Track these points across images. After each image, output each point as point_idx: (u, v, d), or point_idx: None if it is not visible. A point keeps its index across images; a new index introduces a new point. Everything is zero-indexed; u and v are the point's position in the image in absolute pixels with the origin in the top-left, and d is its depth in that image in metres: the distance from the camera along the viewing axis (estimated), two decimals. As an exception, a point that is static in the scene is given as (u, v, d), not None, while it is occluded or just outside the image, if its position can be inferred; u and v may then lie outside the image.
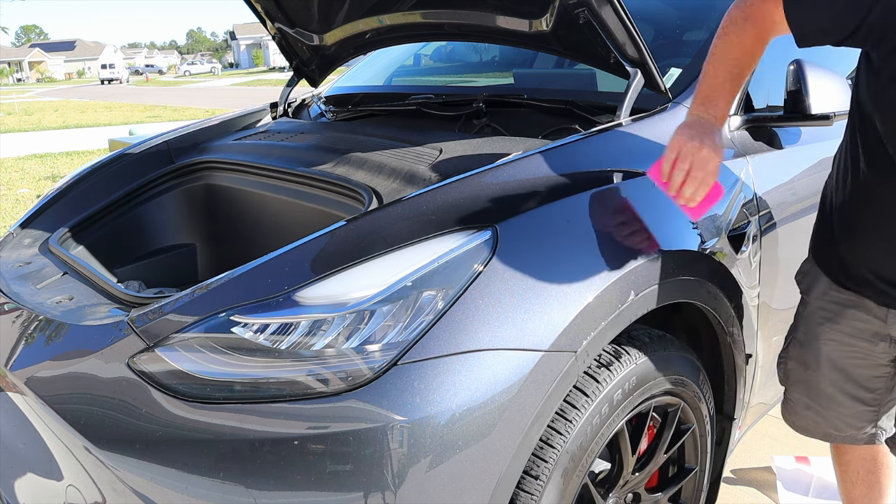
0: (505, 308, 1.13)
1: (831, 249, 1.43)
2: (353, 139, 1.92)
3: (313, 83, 2.59)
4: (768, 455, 2.31)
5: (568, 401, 1.23)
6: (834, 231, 1.41)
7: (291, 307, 1.15)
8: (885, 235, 1.30)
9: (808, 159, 1.87)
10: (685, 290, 1.40)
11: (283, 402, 1.08)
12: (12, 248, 1.88)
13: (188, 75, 65.26)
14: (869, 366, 1.45)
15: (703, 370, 1.55)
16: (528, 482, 1.19)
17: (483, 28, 1.91)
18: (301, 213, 1.87)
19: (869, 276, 1.35)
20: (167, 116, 16.44)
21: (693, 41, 2.00)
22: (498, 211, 1.26)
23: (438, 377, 1.07)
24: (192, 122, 2.46)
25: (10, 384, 1.41)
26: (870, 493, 1.66)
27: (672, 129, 1.39)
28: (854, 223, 1.35)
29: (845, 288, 1.42)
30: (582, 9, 1.58)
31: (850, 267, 1.38)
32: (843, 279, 1.42)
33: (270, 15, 2.28)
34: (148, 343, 1.21)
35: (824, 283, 1.46)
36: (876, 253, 1.33)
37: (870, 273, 1.34)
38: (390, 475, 1.04)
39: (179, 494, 1.09)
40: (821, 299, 1.48)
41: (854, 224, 1.35)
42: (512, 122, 1.90)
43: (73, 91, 38.38)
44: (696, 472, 1.64)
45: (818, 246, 1.50)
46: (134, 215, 2.13)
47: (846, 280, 1.41)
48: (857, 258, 1.37)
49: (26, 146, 11.10)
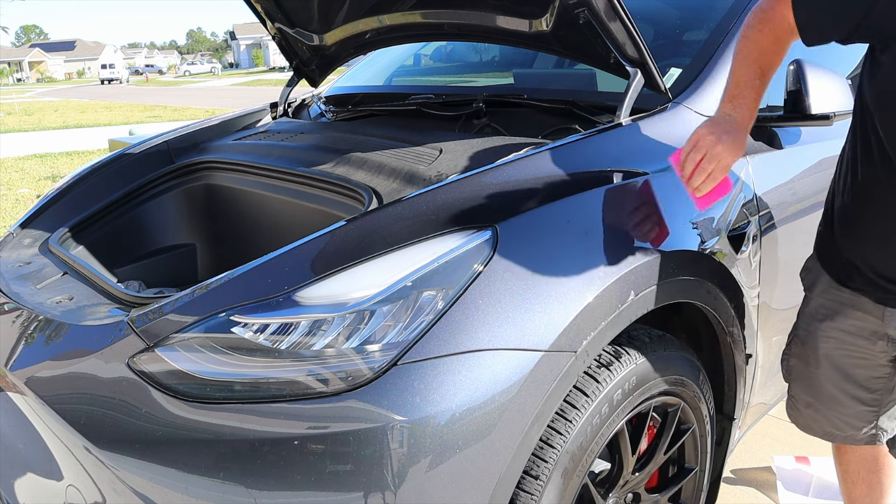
0: (505, 308, 1.13)
1: (833, 247, 1.44)
2: (353, 139, 1.92)
3: (313, 83, 2.59)
4: (768, 455, 2.31)
5: (568, 401, 1.23)
6: (835, 229, 1.43)
7: (291, 307, 1.15)
8: (884, 234, 1.30)
9: (808, 159, 1.87)
10: (685, 290, 1.41)
11: (283, 402, 1.08)
12: (12, 248, 1.88)
13: (188, 75, 65.27)
14: (868, 366, 1.45)
15: (703, 370, 1.55)
16: (528, 482, 1.19)
17: (483, 28, 1.91)
18: (301, 213, 1.87)
19: (868, 274, 1.36)
20: (167, 116, 16.44)
21: (693, 41, 2.00)
22: (498, 211, 1.26)
23: (438, 377, 1.07)
24: (192, 122, 2.46)
25: (10, 384, 1.41)
26: (870, 493, 1.67)
27: (672, 129, 1.39)
28: (854, 222, 1.36)
29: (845, 286, 1.43)
30: (582, 9, 1.58)
31: (850, 265, 1.39)
32: (843, 277, 1.43)
33: (270, 15, 2.28)
34: (148, 343, 1.21)
35: (825, 280, 1.47)
36: (875, 251, 1.34)
37: (869, 270, 1.35)
38: (390, 475, 1.04)
39: (179, 494, 1.09)
40: (821, 297, 1.49)
41: (854, 223, 1.36)
42: (512, 122, 1.90)
43: (73, 91, 38.38)
44: (696, 472, 1.64)
45: (821, 244, 1.50)
46: (134, 215, 2.13)
47: (846, 278, 1.42)
48: (856, 256, 1.37)
49: (26, 146, 11.10)
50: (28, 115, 18.80)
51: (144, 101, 24.14)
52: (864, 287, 1.38)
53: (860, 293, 1.40)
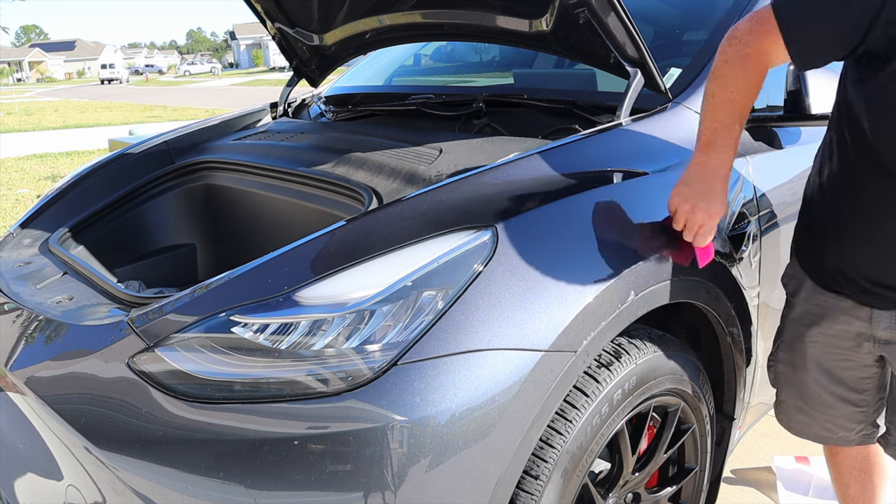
0: (505, 308, 1.13)
1: (815, 252, 1.42)
2: (353, 139, 1.92)
3: (313, 83, 2.59)
4: (768, 455, 2.31)
5: (568, 401, 1.23)
6: (817, 233, 1.41)
7: (291, 307, 1.15)
8: (871, 237, 1.29)
9: (808, 159, 1.85)
10: (685, 290, 1.40)
11: (283, 402, 1.08)
12: (12, 248, 1.88)
13: (188, 75, 65.28)
14: (855, 367, 1.45)
15: (703, 370, 1.55)
16: (528, 482, 1.19)
17: (483, 28, 1.91)
18: (301, 213, 1.87)
19: (855, 277, 1.34)
20: (167, 116, 16.44)
21: (693, 41, 2.00)
22: (498, 211, 1.26)
23: (438, 377, 1.07)
24: (192, 122, 2.46)
25: (10, 384, 1.41)
26: (864, 492, 1.67)
27: (672, 129, 1.39)
28: (840, 225, 1.34)
29: (829, 290, 1.41)
30: (582, 9, 1.58)
31: (835, 269, 1.37)
32: (827, 281, 1.41)
33: (270, 15, 2.28)
34: (148, 343, 1.21)
35: (809, 286, 1.46)
36: (862, 254, 1.32)
37: (856, 274, 1.33)
38: (390, 475, 1.04)
39: (179, 494, 1.09)
40: (806, 302, 1.47)
41: (840, 226, 1.34)
42: (512, 122, 1.90)
43: (72, 91, 38.38)
44: (696, 472, 1.64)
45: (801, 248, 1.49)
46: (134, 215, 2.13)
47: (830, 282, 1.40)
48: (842, 260, 1.36)
49: (26, 146, 11.10)
50: (28, 115, 18.80)
51: (144, 101, 24.14)
52: (851, 291, 1.36)
53: (846, 297, 1.38)
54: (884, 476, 1.66)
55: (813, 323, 1.46)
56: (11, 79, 67.83)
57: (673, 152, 1.55)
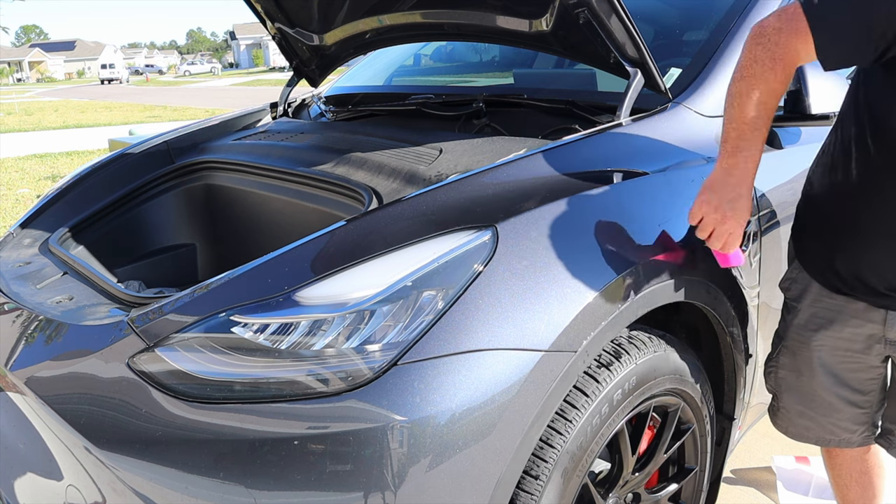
0: (505, 308, 1.13)
1: (824, 255, 1.40)
2: (353, 139, 1.92)
3: (313, 83, 2.59)
4: (768, 455, 2.31)
5: (568, 401, 1.23)
6: (827, 236, 1.38)
7: (291, 307, 1.15)
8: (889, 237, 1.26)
9: (808, 159, 1.86)
10: (685, 290, 1.40)
11: (283, 402, 1.08)
12: (12, 248, 1.88)
13: (188, 75, 65.28)
14: (862, 368, 1.44)
15: (703, 370, 1.55)
16: (528, 482, 1.19)
17: (483, 28, 1.91)
18: (301, 213, 1.87)
19: (871, 280, 1.31)
20: (167, 116, 16.44)
21: (693, 41, 2.00)
22: (498, 211, 1.26)
23: (438, 377, 1.07)
24: (192, 122, 2.46)
25: (10, 384, 1.41)
26: (864, 493, 1.66)
27: (672, 129, 1.38)
28: (857, 227, 1.31)
29: (839, 293, 1.39)
30: (582, 9, 1.58)
31: (849, 272, 1.35)
32: (838, 284, 1.38)
33: (270, 15, 2.28)
34: (148, 343, 1.21)
35: (815, 289, 1.43)
36: (878, 255, 1.29)
37: (873, 276, 1.31)
38: (390, 475, 1.04)
39: (179, 494, 1.09)
40: (813, 306, 1.45)
41: (856, 228, 1.31)
42: (512, 122, 1.90)
43: (72, 91, 38.38)
44: (696, 472, 1.64)
45: (806, 251, 1.46)
46: (134, 215, 2.14)
47: (841, 284, 1.38)
48: (855, 262, 1.33)
49: (26, 146, 11.10)
50: (28, 115, 18.80)
51: (144, 101, 24.14)
52: (867, 294, 1.34)
53: (857, 298, 1.36)
54: (883, 476, 1.66)
55: (821, 327, 1.43)
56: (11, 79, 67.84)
57: (673, 152, 1.55)
